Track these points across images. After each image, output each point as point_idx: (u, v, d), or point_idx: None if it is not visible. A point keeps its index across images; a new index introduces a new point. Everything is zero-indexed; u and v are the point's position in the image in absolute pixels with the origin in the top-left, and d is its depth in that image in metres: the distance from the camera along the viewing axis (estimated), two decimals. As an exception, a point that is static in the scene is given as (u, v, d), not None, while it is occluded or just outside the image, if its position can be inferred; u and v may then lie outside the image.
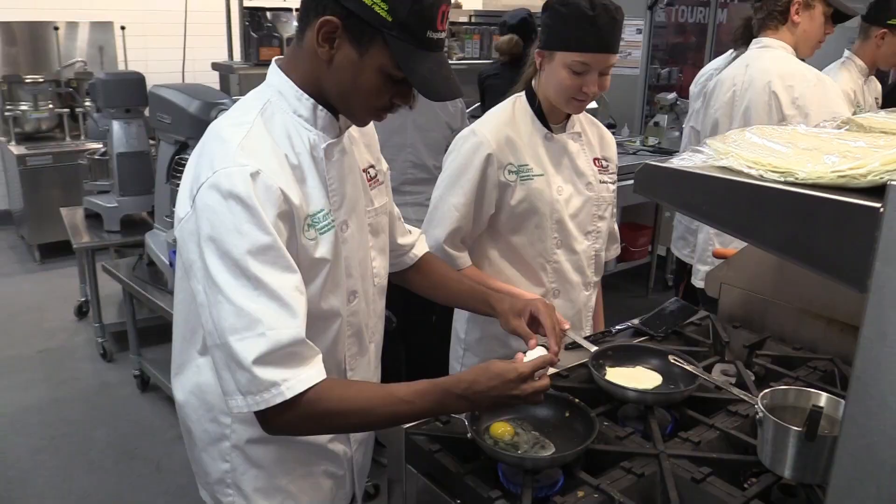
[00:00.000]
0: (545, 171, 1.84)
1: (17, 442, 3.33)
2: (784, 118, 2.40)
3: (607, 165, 1.96)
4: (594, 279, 2.00)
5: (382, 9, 1.10)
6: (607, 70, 1.74)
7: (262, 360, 1.13)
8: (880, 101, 3.21)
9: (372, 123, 1.43)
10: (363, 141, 1.45)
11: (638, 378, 1.57)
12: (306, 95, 1.25)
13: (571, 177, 1.88)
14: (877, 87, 3.22)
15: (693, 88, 3.53)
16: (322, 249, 1.25)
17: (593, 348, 1.62)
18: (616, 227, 2.07)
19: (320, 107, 1.26)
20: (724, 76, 2.64)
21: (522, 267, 1.89)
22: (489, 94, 4.31)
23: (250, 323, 1.13)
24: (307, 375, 1.16)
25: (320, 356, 1.21)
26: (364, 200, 1.40)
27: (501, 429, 1.36)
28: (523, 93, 1.89)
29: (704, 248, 2.71)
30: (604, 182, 1.93)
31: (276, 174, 1.17)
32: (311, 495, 1.43)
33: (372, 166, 1.46)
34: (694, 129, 2.92)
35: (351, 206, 1.34)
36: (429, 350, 3.37)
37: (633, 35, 5.76)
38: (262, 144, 1.19)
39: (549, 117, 1.86)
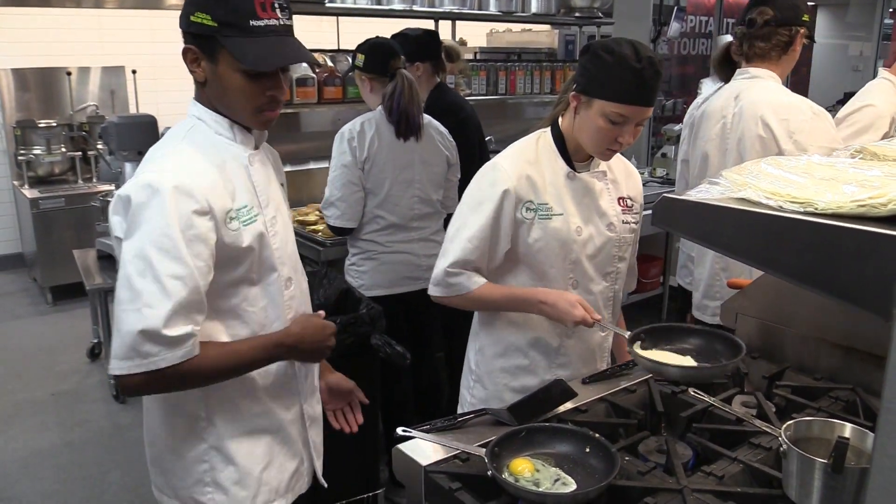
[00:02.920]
0: (565, 210, 1.81)
1: (29, 486, 3.31)
2: (781, 152, 2.33)
3: (632, 205, 1.92)
4: (610, 320, 1.97)
5: (207, 19, 1.34)
6: (643, 122, 1.72)
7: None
8: None
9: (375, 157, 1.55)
10: (275, 163, 1.66)
11: (676, 361, 1.62)
12: (220, 116, 1.47)
13: (593, 217, 1.84)
14: None
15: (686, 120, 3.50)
16: (247, 238, 1.43)
17: (627, 333, 1.73)
18: (634, 261, 2.04)
19: (235, 124, 1.48)
20: (712, 108, 2.57)
21: None
22: None
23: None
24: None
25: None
26: (286, 208, 1.64)
27: (521, 465, 1.35)
28: (548, 129, 1.86)
29: (711, 283, 2.62)
30: (626, 223, 1.89)
31: (199, 178, 1.37)
32: (279, 478, 1.59)
33: (283, 184, 1.68)
34: (684, 161, 2.81)
35: (276, 206, 1.55)
36: (437, 385, 3.36)
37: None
38: (191, 158, 1.40)
39: (574, 156, 1.83)
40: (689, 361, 1.64)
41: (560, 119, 1.85)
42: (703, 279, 2.66)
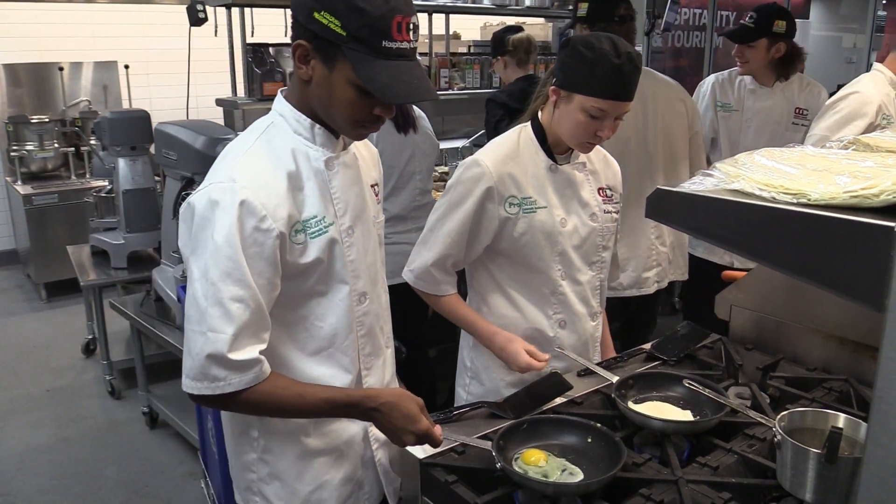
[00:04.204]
0: (549, 202, 1.83)
1: (25, 482, 3.31)
2: (692, 123, 2.85)
3: (612, 195, 1.95)
4: (599, 309, 1.99)
5: (336, 25, 1.22)
6: (622, 115, 1.74)
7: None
8: None
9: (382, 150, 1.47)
10: (371, 161, 1.59)
11: (665, 412, 1.56)
12: (304, 116, 1.38)
13: (576, 208, 1.86)
14: None
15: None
16: (314, 251, 1.36)
17: (614, 378, 1.66)
18: (616, 251, 2.07)
19: (318, 125, 1.39)
20: None
21: (531, 296, 1.88)
22: None
23: None
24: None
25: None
26: (373, 211, 1.53)
27: (535, 455, 1.36)
28: (529, 123, 1.88)
29: (648, 255, 2.80)
30: (608, 212, 1.92)
31: (266, 189, 1.29)
32: (330, 501, 1.50)
33: (377, 184, 1.59)
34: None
35: (356, 213, 1.45)
36: (429, 380, 3.36)
37: (632, 61, 5.80)
38: (261, 164, 1.33)
39: (555, 148, 1.85)
40: (678, 414, 1.58)
41: (540, 113, 1.87)
42: (634, 257, 2.77)
